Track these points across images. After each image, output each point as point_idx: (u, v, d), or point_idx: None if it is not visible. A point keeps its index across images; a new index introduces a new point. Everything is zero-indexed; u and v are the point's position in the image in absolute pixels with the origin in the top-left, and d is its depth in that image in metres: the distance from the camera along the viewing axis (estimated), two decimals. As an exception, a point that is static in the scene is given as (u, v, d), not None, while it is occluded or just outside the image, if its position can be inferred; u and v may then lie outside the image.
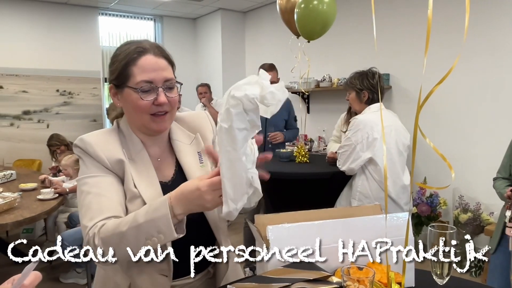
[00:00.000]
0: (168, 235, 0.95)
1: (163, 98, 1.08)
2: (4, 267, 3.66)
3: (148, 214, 0.96)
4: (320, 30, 2.98)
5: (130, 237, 0.97)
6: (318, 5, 2.86)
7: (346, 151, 2.53)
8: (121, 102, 1.14)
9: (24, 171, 4.35)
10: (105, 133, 1.17)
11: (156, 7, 6.08)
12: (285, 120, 3.84)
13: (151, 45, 1.12)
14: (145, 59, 1.08)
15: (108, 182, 1.09)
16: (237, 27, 6.47)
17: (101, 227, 1.01)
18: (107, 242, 0.98)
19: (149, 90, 1.07)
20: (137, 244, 0.96)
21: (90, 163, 1.11)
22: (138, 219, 0.97)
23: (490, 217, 3.42)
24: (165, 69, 1.11)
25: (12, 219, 2.57)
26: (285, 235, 1.03)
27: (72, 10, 5.83)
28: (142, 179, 1.11)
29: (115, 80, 1.11)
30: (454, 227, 1.00)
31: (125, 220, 1.00)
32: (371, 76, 2.59)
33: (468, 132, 3.71)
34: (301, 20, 2.97)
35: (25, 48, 5.53)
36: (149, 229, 0.96)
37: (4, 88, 5.39)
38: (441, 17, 3.78)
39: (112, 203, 1.06)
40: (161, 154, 1.20)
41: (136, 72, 1.07)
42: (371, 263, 1.02)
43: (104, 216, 1.03)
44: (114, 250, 0.98)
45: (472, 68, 3.58)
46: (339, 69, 4.84)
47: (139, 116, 1.11)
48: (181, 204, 0.96)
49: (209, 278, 1.24)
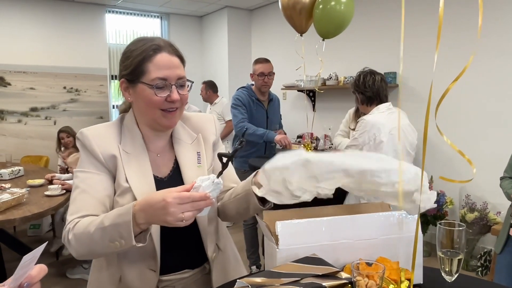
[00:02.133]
0: (128, 242, 0.98)
1: (176, 95, 1.11)
2: (12, 262, 3.70)
3: (114, 218, 1.00)
4: (335, 30, 3.01)
5: (96, 238, 1.01)
6: (336, 5, 2.90)
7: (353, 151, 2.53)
8: (132, 97, 1.16)
9: (31, 167, 4.39)
10: (105, 126, 1.20)
11: (163, 4, 6.09)
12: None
13: (165, 43, 1.15)
14: (160, 56, 1.11)
15: (97, 180, 1.13)
16: (244, 25, 6.47)
17: (75, 224, 1.06)
18: (78, 239, 1.04)
19: (163, 87, 1.10)
20: (102, 245, 1.01)
21: (86, 157, 1.15)
22: (104, 222, 1.01)
23: (497, 217, 3.41)
24: (178, 67, 1.14)
25: (20, 215, 2.60)
26: (294, 231, 1.03)
27: (79, 8, 5.86)
28: (135, 173, 1.15)
29: (128, 75, 1.14)
30: (463, 224, 1.00)
31: (95, 221, 1.03)
32: (357, 78, 2.62)
33: (475, 131, 3.69)
34: (319, 19, 3.00)
35: (32, 45, 5.57)
36: (112, 233, 0.99)
37: (12, 85, 5.43)
38: (450, 16, 3.76)
39: (93, 202, 1.10)
40: (162, 150, 1.23)
41: (152, 69, 1.10)
42: (380, 258, 1.02)
43: (82, 213, 1.08)
44: (83, 247, 1.04)
45: (480, 68, 3.56)
46: (345, 67, 4.83)
47: (151, 111, 1.13)
48: (144, 213, 0.98)
49: (205, 274, 1.27)
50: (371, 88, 2.54)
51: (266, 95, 3.52)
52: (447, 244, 1.00)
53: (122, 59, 1.17)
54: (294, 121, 5.34)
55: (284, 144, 3.29)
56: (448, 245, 1.00)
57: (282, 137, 3.32)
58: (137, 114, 1.20)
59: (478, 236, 3.53)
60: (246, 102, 3.42)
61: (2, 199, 2.66)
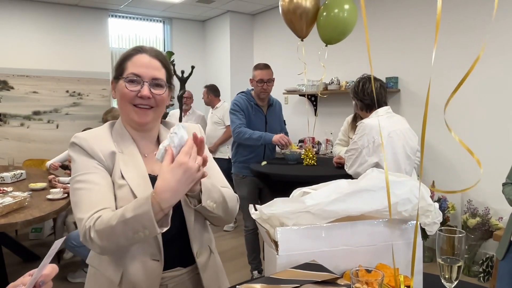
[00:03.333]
0: (152, 230, 1.01)
1: (146, 92, 1.17)
2: (14, 266, 3.71)
3: (134, 210, 1.01)
4: (338, 37, 3.05)
5: (119, 231, 1.02)
6: (339, 12, 2.95)
7: (353, 155, 2.53)
8: (116, 95, 1.23)
9: (33, 170, 4.40)
10: (97, 130, 1.26)
11: (166, 9, 6.12)
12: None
13: (151, 48, 1.23)
14: (140, 56, 1.20)
15: (99, 176, 1.15)
16: (246, 30, 6.49)
17: (96, 220, 1.06)
18: (101, 235, 1.04)
19: (135, 81, 1.17)
20: (126, 237, 1.03)
21: (83, 159, 1.17)
22: (125, 214, 1.02)
23: (499, 222, 3.40)
24: (156, 69, 1.20)
25: (22, 218, 2.60)
26: (293, 237, 1.03)
27: (82, 12, 5.89)
28: (130, 169, 1.18)
29: (114, 73, 1.23)
30: (463, 231, 1.00)
31: (116, 214, 1.04)
32: (357, 85, 2.63)
33: (477, 136, 3.69)
34: (322, 26, 3.04)
35: (35, 49, 5.60)
36: (135, 224, 1.01)
37: (15, 89, 5.45)
38: (450, 19, 3.77)
39: (103, 195, 1.13)
40: (149, 151, 1.28)
41: (129, 66, 1.19)
42: (380, 265, 1.02)
43: (98, 208, 1.09)
44: (108, 242, 1.05)
45: (482, 71, 3.56)
46: (347, 72, 4.84)
47: (125, 106, 1.20)
48: (169, 192, 0.99)
49: (196, 273, 1.29)
50: (370, 95, 2.55)
51: (266, 101, 3.49)
52: (447, 250, 1.00)
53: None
54: (295, 125, 5.34)
55: (283, 143, 3.23)
56: (448, 252, 1.00)
57: (280, 136, 3.24)
58: (120, 113, 1.26)
59: (480, 242, 3.51)
60: (245, 107, 3.39)
61: (4, 203, 2.67)
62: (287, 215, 1.05)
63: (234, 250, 4.28)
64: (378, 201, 1.07)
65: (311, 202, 1.05)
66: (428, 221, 1.12)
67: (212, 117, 5.20)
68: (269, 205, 1.09)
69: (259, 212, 1.09)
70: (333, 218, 1.06)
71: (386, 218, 1.10)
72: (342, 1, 2.96)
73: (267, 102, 3.52)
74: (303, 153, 3.20)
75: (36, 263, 0.70)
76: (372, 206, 1.07)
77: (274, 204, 1.08)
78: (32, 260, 3.89)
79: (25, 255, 3.93)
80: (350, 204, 1.06)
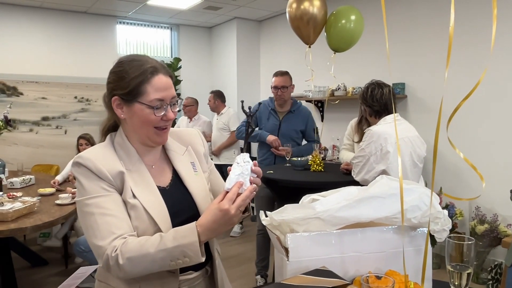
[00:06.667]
0: (194, 259, 1.06)
1: (171, 114, 1.20)
2: (22, 270, 3.73)
3: (176, 240, 1.06)
4: (346, 46, 3.14)
5: (157, 259, 1.06)
6: (346, 23, 3.05)
7: (360, 161, 2.52)
8: (125, 114, 1.20)
9: (42, 176, 4.44)
10: (100, 147, 1.23)
11: (173, 16, 6.17)
12: (301, 131, 3.69)
13: (159, 64, 1.22)
14: (158, 78, 1.18)
15: (110, 200, 1.13)
16: (252, 36, 6.52)
17: (121, 246, 1.07)
18: (134, 262, 1.06)
19: (160, 107, 1.17)
20: (162, 265, 1.08)
21: (91, 181, 1.14)
22: (166, 243, 1.06)
23: (508, 229, 3.37)
24: (171, 87, 1.22)
25: (32, 223, 2.62)
26: (303, 243, 1.04)
27: (91, 19, 5.96)
28: (140, 187, 1.18)
29: (124, 95, 1.17)
30: (472, 238, 1.01)
31: (150, 241, 1.07)
32: (365, 91, 2.63)
33: (485, 143, 3.67)
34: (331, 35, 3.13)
35: (45, 55, 5.67)
36: (176, 254, 1.06)
37: (24, 95, 5.52)
38: (458, 27, 3.77)
39: (119, 220, 1.12)
40: (155, 162, 1.28)
41: (150, 91, 1.16)
42: (390, 272, 1.03)
43: (117, 234, 1.09)
44: (139, 269, 1.08)
45: (490, 79, 3.55)
46: (354, 78, 4.85)
47: (146, 128, 1.19)
48: (210, 231, 1.08)
49: (207, 276, 1.31)
50: (379, 101, 2.54)
51: (284, 107, 3.62)
52: (457, 257, 1.00)
53: (115, 78, 1.19)
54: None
55: (274, 145, 3.48)
56: (457, 259, 1.00)
57: (275, 138, 3.49)
58: (128, 131, 1.23)
59: (488, 249, 3.49)
60: (262, 110, 3.60)
61: (14, 208, 2.69)
62: (297, 221, 1.06)
63: (241, 256, 4.28)
64: (387, 208, 1.08)
65: (321, 208, 1.07)
66: (438, 228, 1.12)
67: (218, 123, 5.21)
68: (279, 211, 1.10)
69: (270, 218, 1.10)
70: (343, 224, 1.07)
71: (395, 225, 1.10)
72: (349, 12, 3.02)
73: (288, 108, 3.60)
74: (310, 159, 3.21)
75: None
76: (382, 213, 1.08)
77: (284, 210, 1.10)
78: (40, 265, 3.92)
79: (33, 260, 3.95)
80: (360, 210, 1.07)
